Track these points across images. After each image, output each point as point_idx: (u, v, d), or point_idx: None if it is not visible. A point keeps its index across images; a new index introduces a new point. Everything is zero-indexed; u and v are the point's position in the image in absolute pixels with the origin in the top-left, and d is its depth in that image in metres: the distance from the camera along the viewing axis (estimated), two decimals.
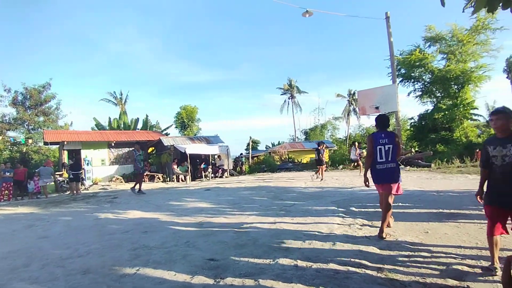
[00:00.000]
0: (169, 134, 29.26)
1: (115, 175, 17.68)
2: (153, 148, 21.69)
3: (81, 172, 13.17)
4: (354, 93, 42.07)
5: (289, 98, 49.89)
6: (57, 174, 14.88)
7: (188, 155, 16.50)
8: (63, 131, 21.78)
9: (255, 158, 25.97)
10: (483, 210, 5.16)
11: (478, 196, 3.15)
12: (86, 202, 9.31)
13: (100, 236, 4.81)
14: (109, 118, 29.50)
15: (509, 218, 2.89)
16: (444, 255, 3.29)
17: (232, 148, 23.03)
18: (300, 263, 3.16)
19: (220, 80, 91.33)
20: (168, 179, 17.32)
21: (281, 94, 50.72)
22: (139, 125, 29.92)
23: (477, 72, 20.64)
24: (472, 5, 2.72)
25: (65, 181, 13.90)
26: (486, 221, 4.46)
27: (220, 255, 3.56)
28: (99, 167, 17.99)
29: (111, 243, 4.32)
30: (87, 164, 17.08)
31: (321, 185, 10.37)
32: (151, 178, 17.59)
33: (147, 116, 30.53)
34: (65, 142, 17.01)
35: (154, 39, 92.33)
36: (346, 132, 44.37)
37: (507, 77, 37.76)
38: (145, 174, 17.60)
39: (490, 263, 2.91)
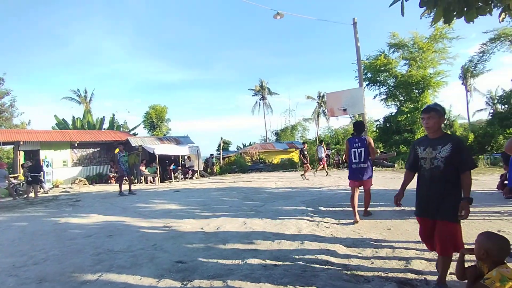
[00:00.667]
0: (137, 134, 28.29)
1: (78, 177, 16.78)
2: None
3: (41, 174, 12.32)
4: (323, 95, 43.18)
5: (260, 99, 50.20)
6: (11, 177, 13.81)
7: (157, 156, 16.03)
8: (19, 130, 20.27)
9: (226, 158, 25.83)
10: None
11: (397, 198, 2.86)
12: (44, 206, 8.72)
13: (59, 241, 4.52)
14: (73, 117, 27.96)
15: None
16: (405, 250, 3.46)
17: (203, 149, 22.76)
18: (269, 262, 3.17)
19: (192, 80, 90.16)
20: (136, 180, 16.72)
21: (252, 95, 50.94)
22: (105, 125, 28.65)
23: (436, 78, 22.03)
24: (430, 14, 2.89)
25: (21, 184, 12.93)
26: None
27: (188, 257, 3.49)
28: (61, 168, 16.95)
29: (72, 249, 4.08)
30: (47, 165, 16.03)
31: (291, 185, 10.52)
32: (118, 180, 16.89)
33: (113, 115, 29.31)
34: (21, 142, 15.84)
35: (124, 35, 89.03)
36: (315, 133, 45.47)
37: (462, 83, 40.67)
38: (112, 175, 16.96)
39: None
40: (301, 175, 12.77)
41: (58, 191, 13.23)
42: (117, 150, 10.63)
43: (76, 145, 17.47)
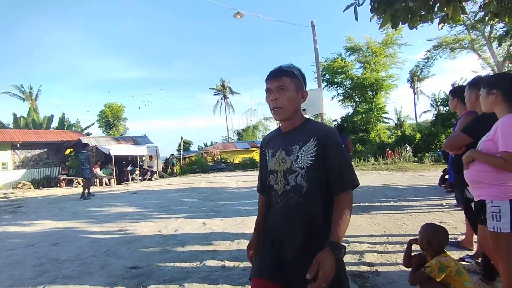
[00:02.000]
0: (91, 134, 26.60)
1: (21, 180, 15.33)
2: (71, 149, 19.45)
3: None
4: None
5: (222, 99, 49.84)
6: None
7: (113, 156, 15.21)
8: None
9: (187, 159, 25.28)
10: (391, 201, 5.89)
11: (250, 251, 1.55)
12: None
13: None
14: (14, 115, 25.43)
15: None
16: (358, 244, 3.62)
17: (162, 149, 22.05)
18: (228, 263, 3.14)
19: (151, 78, 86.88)
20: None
21: (214, 95, 50.39)
22: (54, 124, 26.53)
23: (387, 81, 23.58)
24: (379, 19, 3.06)
25: None
26: (393, 211, 5.13)
27: (144, 262, 3.34)
28: (0, 172, 15.39)
29: (10, 260, 3.70)
30: None
31: (252, 184, 10.57)
32: (69, 183, 15.74)
33: (63, 113, 27.19)
34: None
35: (78, 29, 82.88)
36: None
37: (410, 87, 43.84)
38: (62, 178, 15.74)
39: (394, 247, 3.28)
40: None
41: None
42: (68, 151, 9.97)
43: (18, 145, 15.94)
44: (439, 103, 30.10)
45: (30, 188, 14.41)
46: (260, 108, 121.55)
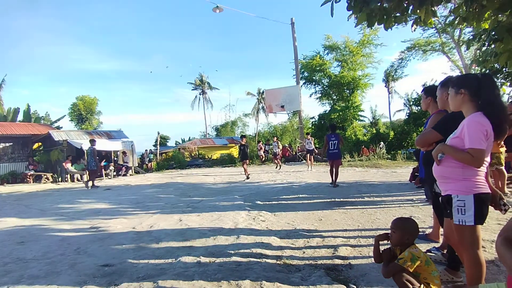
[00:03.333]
0: (61, 127, 25.43)
1: None
2: (40, 143, 18.52)
3: None
4: (263, 92, 44.09)
5: (200, 94, 49.21)
6: None
7: (85, 151, 14.62)
8: None
9: (164, 154, 24.79)
10: (365, 197, 6.07)
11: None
12: None
13: None
14: None
15: None
16: (333, 238, 3.69)
17: (139, 144, 21.44)
18: (203, 259, 3.11)
19: (128, 70, 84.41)
20: (59, 179, 15.04)
21: (192, 89, 49.69)
22: (20, 117, 25.08)
23: (364, 80, 24.20)
24: (356, 17, 3.12)
25: None
26: (367, 207, 5.28)
27: (117, 260, 3.24)
28: None
29: None
30: None
31: (229, 180, 10.54)
32: (38, 179, 14.99)
33: (28, 105, 25.70)
34: None
35: (47, 15, 78.55)
36: (255, 129, 46.28)
37: (385, 86, 45.24)
38: (29, 174, 14.96)
39: (367, 241, 3.38)
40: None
41: None
42: (36, 146, 9.61)
43: None
44: (411, 103, 31.27)
45: None
46: (239, 104, 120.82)
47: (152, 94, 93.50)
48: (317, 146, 22.81)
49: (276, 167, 14.50)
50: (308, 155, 13.74)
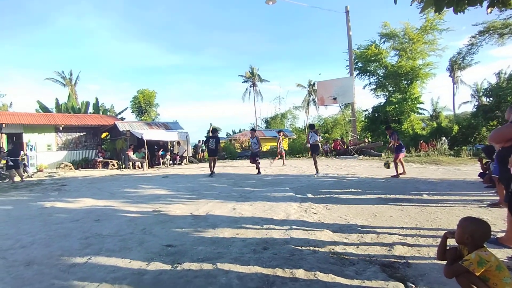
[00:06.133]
0: (124, 118, 27.76)
1: (63, 161, 16.46)
2: (107, 133, 20.49)
3: (23, 159, 12.04)
4: (314, 84, 43.24)
5: (250, 86, 49.85)
6: None
7: (145, 141, 15.85)
8: (1, 112, 19.60)
9: None
10: (423, 195, 5.71)
11: None
12: (29, 190, 8.58)
13: (45, 225, 4.48)
14: (56, 100, 27.16)
15: None
16: (388, 235, 3.57)
17: (192, 135, 22.53)
18: (258, 247, 3.24)
19: (182, 64, 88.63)
20: (123, 166, 16.54)
21: (242, 82, 50.52)
22: (90, 109, 27.94)
23: (424, 70, 22.32)
24: (420, 3, 2.91)
25: (3, 168, 12.60)
26: (426, 204, 4.98)
27: (178, 241, 3.52)
28: (45, 152, 16.57)
29: (59, 233, 4.05)
30: (31, 149, 15.65)
31: (279, 172, 10.62)
32: (105, 165, 16.67)
33: (97, 99, 28.45)
34: (4, 125, 15.36)
35: (112, 15, 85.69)
36: (305, 121, 45.65)
37: (449, 75, 41.29)
38: (98, 160, 16.70)
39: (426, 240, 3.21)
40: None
41: (42, 176, 12.99)
42: (104, 135, 10.59)
43: (61, 128, 17.06)
44: (481, 94, 28.12)
45: (71, 169, 15.43)
46: (289, 96, 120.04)
47: (204, 87, 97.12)
48: (370, 140, 21.82)
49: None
50: None
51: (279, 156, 14.19)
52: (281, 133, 15.16)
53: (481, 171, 7.17)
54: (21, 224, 4.59)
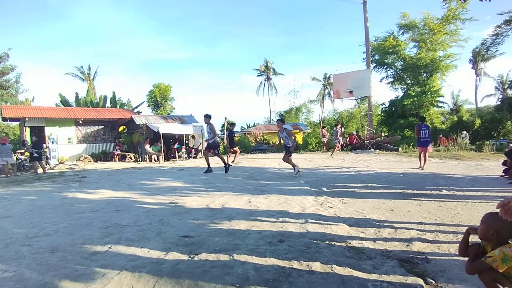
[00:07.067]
0: (140, 112, 28.29)
1: (83, 154, 16.97)
2: (124, 126, 20.94)
3: (45, 151, 12.48)
4: (329, 77, 42.65)
5: (265, 80, 49.69)
6: (18, 153, 14.01)
7: (161, 134, 16.11)
8: (24, 107, 20.34)
9: None
10: (443, 190, 5.56)
11: None
12: (52, 181, 8.90)
13: (68, 215, 4.64)
14: (76, 94, 27.91)
15: None
16: (406, 230, 3.51)
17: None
18: (273, 239, 3.25)
19: (196, 58, 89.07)
20: (140, 159, 16.90)
21: (257, 75, 50.45)
22: (108, 103, 28.60)
23: (445, 61, 21.56)
24: None
25: (27, 160, 13.12)
26: (445, 200, 4.85)
27: (195, 232, 3.58)
28: (66, 145, 17.14)
29: (81, 222, 4.20)
30: (52, 142, 16.20)
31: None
32: (122, 158, 17.08)
33: (114, 93, 29.06)
34: (27, 119, 15.94)
35: (128, 10, 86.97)
36: (320, 115, 45.18)
37: (472, 67, 39.78)
38: (116, 153, 17.12)
39: (446, 236, 3.13)
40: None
41: (63, 168, 13.46)
42: (121, 129, 10.70)
43: (80, 122, 17.56)
44: (506, 86, 26.96)
45: (90, 161, 15.89)
46: (303, 90, 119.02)
47: (219, 81, 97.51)
48: (386, 134, 21.38)
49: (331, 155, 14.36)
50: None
51: (338, 146, 15.04)
52: (339, 126, 15.74)
53: (506, 167, 6.92)
54: (45, 213, 4.78)
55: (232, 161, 12.29)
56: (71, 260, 2.84)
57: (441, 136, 17.14)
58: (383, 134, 20.47)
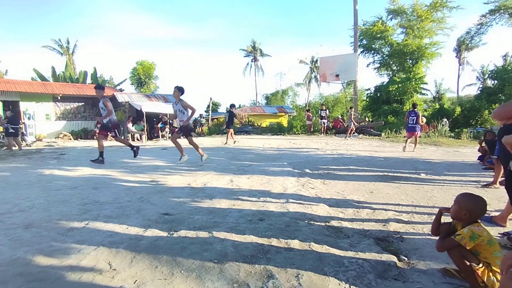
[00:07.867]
0: (123, 90, 27.43)
1: (62, 131, 16.41)
2: None
3: (21, 127, 11.97)
4: (316, 61, 42.38)
5: (252, 61, 48.92)
6: None
7: (144, 113, 15.74)
8: None
9: (215, 120, 25.65)
10: (421, 174, 5.73)
11: None
12: (28, 158, 8.58)
13: (44, 191, 4.50)
14: (53, 68, 26.59)
15: None
16: (384, 211, 3.60)
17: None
18: (254, 217, 3.26)
19: (181, 37, 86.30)
20: (122, 137, 16.52)
21: (244, 56, 49.52)
22: (88, 79, 27.51)
23: (430, 49, 21.77)
24: None
25: (1, 136, 12.55)
26: (423, 183, 5.01)
27: (175, 210, 3.55)
28: (43, 122, 16.49)
29: (58, 198, 4.08)
30: (29, 118, 15.55)
31: (278, 147, 10.63)
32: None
33: (95, 69, 27.95)
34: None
35: None
36: (306, 99, 45.24)
37: (456, 56, 40.46)
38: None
39: (421, 217, 3.24)
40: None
41: (41, 145, 13.00)
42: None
43: (59, 98, 16.87)
44: (486, 76, 27.66)
45: (70, 139, 15.44)
46: (291, 72, 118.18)
47: (204, 61, 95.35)
48: (371, 120, 21.69)
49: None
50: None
51: (353, 129, 15.38)
52: (352, 109, 16.17)
53: (480, 154, 7.18)
54: (20, 190, 4.61)
55: (234, 141, 12.40)
56: (46, 236, 2.77)
57: (423, 123, 17.55)
58: (367, 119, 20.76)
